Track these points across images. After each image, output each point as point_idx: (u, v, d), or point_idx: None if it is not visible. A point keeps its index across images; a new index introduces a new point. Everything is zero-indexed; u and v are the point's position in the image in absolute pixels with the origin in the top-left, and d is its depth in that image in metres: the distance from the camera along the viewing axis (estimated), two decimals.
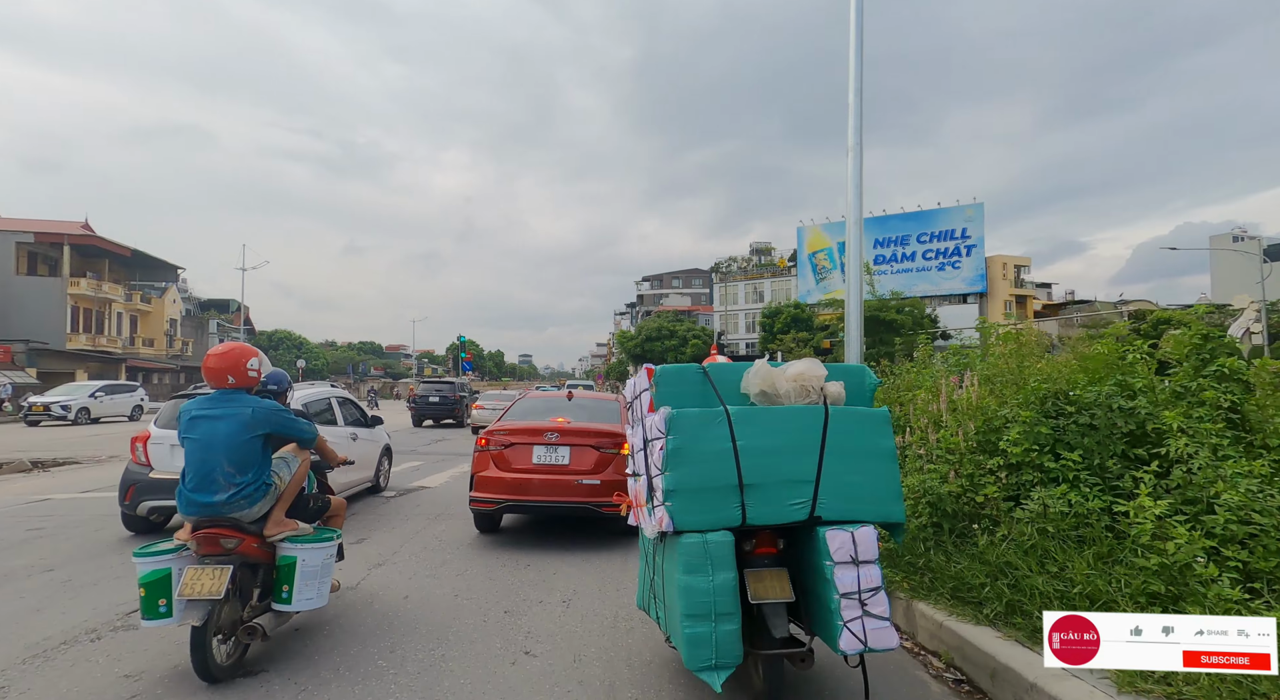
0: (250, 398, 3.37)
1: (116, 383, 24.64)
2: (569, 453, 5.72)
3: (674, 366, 3.12)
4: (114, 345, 40.56)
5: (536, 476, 5.66)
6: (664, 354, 58.55)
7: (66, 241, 37.80)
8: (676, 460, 2.74)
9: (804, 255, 61.22)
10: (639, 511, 3.17)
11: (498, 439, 5.87)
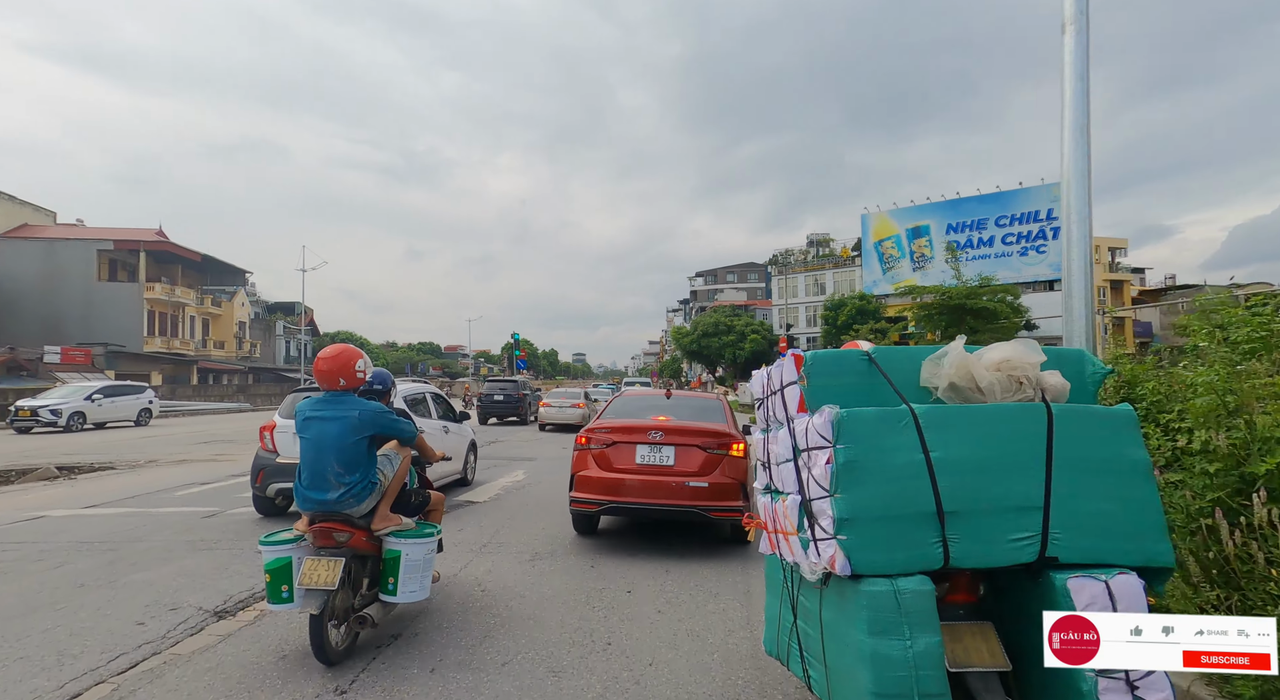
0: (357, 400, 3.48)
1: (119, 383, 22.35)
2: (674, 453, 5.41)
3: (830, 352, 2.52)
4: (187, 348, 41.93)
5: (640, 477, 5.38)
6: (721, 350, 56.54)
7: (142, 248, 39.21)
8: (852, 478, 2.18)
9: (869, 244, 57.83)
10: (779, 538, 2.64)
11: (598, 437, 5.62)
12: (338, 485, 3.32)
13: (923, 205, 54.98)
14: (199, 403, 29.70)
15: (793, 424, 2.55)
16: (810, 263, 62.86)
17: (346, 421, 3.37)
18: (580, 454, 5.65)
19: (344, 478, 3.33)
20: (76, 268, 38.04)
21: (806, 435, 2.39)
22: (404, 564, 3.42)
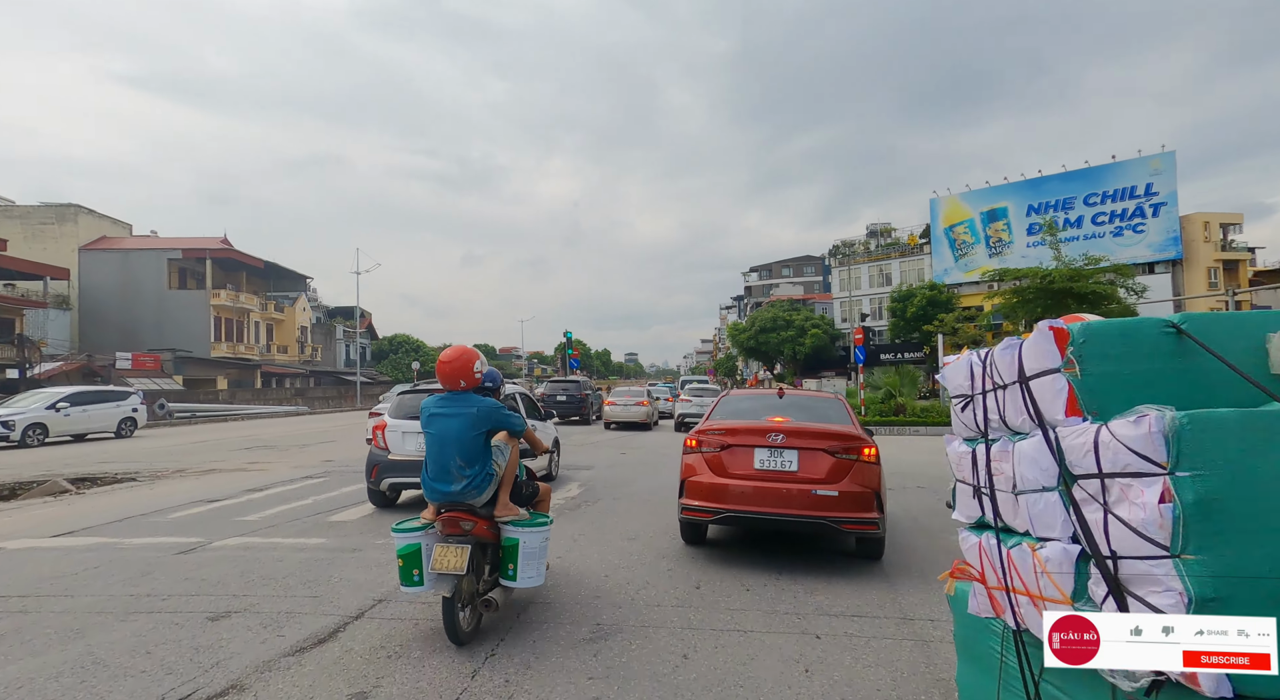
0: (476, 397, 3.68)
1: (94, 389, 19.32)
2: (797, 458, 4.95)
3: (1113, 323, 1.83)
4: (251, 352, 42.96)
5: (760, 484, 4.94)
6: (780, 346, 54.02)
7: (208, 256, 40.32)
8: (1214, 526, 1.56)
9: (938, 230, 54.04)
10: (1023, 604, 2.02)
11: (711, 440, 5.20)
12: (460, 477, 3.53)
13: (999, 186, 50.86)
14: (257, 406, 29.96)
15: (1056, 433, 1.91)
16: (874, 252, 59.37)
17: (467, 417, 3.57)
18: (691, 458, 5.21)
19: (465, 471, 3.53)
20: (149, 277, 39.47)
21: (1100, 452, 1.74)
22: (522, 551, 3.57)
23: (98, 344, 36.70)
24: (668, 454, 12.58)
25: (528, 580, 3.61)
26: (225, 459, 12.15)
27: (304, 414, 31.02)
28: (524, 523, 3.65)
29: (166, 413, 23.20)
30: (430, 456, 3.61)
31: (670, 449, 14.45)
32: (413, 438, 7.02)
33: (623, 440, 16.17)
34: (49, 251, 38.04)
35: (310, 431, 19.28)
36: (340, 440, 16.22)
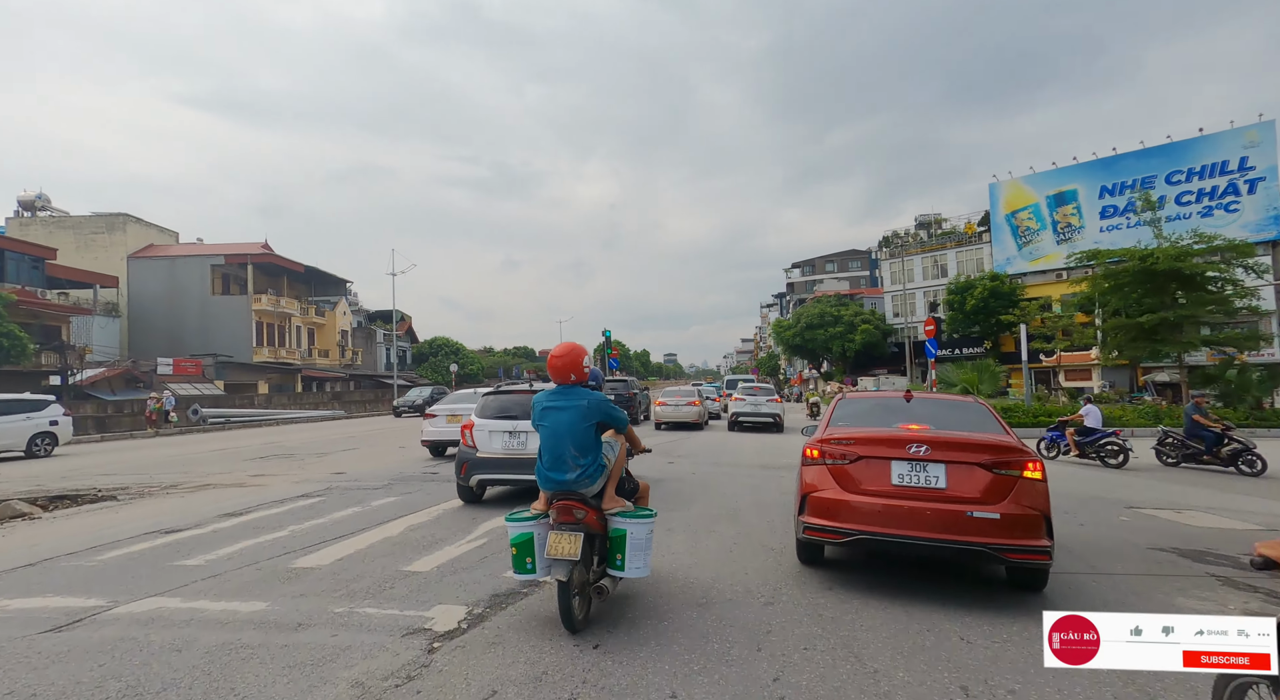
0: (585, 391, 3.84)
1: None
2: (944, 473, 4.23)
3: None
4: (293, 357, 43.05)
5: (899, 502, 4.24)
6: (828, 343, 51.42)
7: (249, 261, 40.50)
8: None
9: (999, 216, 50.48)
10: None
11: (837, 450, 4.55)
12: (574, 466, 3.66)
13: (1067, 167, 47.06)
14: (293, 411, 29.50)
15: None
16: (927, 242, 56.04)
17: (578, 410, 3.72)
18: (814, 471, 4.68)
19: (579, 460, 3.66)
20: (193, 283, 39.89)
21: None
22: (630, 542, 3.67)
23: (146, 350, 37.20)
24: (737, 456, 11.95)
25: (635, 570, 3.71)
26: (231, 470, 11.04)
27: (340, 418, 30.45)
28: (631, 514, 3.76)
29: (200, 418, 22.74)
30: (545, 447, 3.74)
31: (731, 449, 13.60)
32: (499, 437, 7.32)
33: (679, 441, 15.55)
34: (99, 260, 38.82)
35: (337, 437, 18.30)
36: (364, 447, 15.07)
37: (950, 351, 52.22)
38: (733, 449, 14.09)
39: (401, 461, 11.74)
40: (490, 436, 7.36)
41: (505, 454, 7.27)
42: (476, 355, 71.19)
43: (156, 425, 21.07)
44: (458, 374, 64.20)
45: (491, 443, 7.33)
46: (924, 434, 4.46)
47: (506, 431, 7.35)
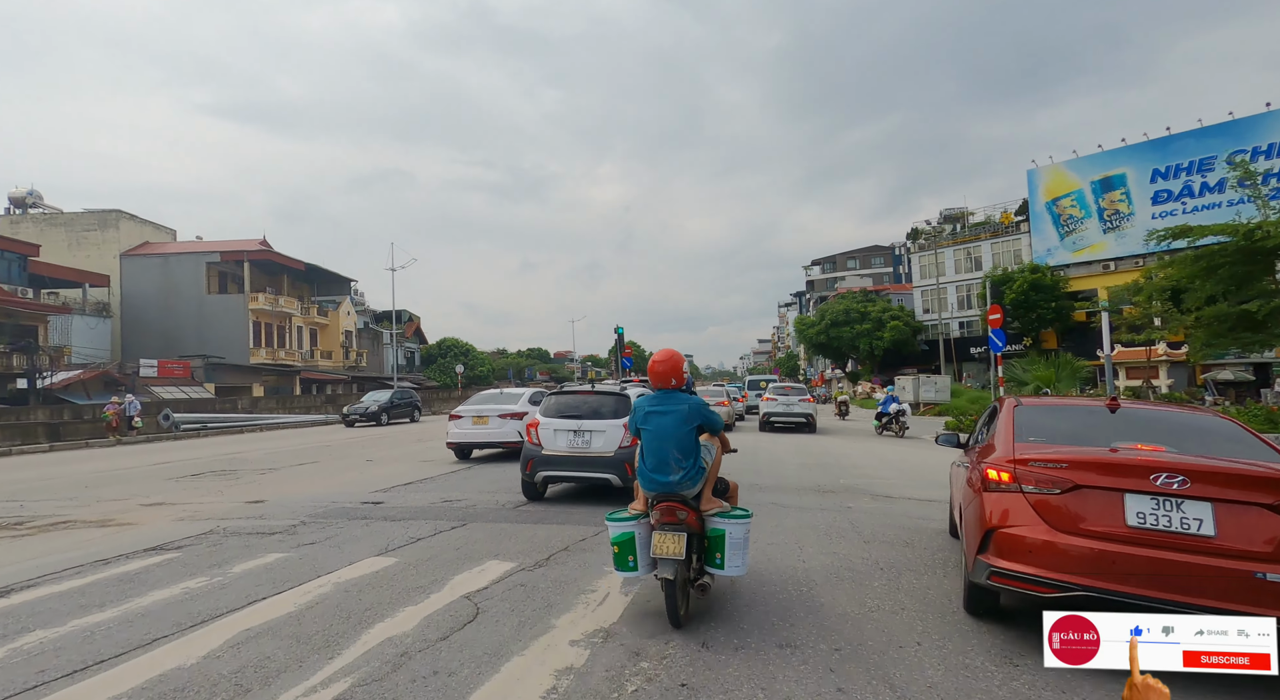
0: (685, 395, 3.95)
1: None
2: (1211, 514, 3.16)
3: None
4: (292, 358, 41.27)
5: (1141, 552, 3.19)
6: (854, 341, 48.50)
7: (246, 258, 38.76)
8: None
9: (1038, 205, 47.20)
10: None
11: (1041, 474, 3.52)
12: (677, 468, 3.74)
13: (1115, 150, 43.65)
14: (281, 415, 27.44)
15: None
16: (960, 234, 52.79)
17: (680, 414, 3.83)
18: (1005, 500, 3.60)
19: (682, 462, 3.75)
20: (188, 282, 38.27)
21: None
22: (729, 542, 3.74)
23: (139, 351, 35.59)
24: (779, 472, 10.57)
25: (734, 569, 3.78)
26: (135, 495, 8.82)
27: (331, 424, 28.39)
28: (728, 515, 3.83)
29: (172, 424, 20.71)
30: (649, 450, 3.85)
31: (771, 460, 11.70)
32: (564, 435, 7.53)
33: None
34: (92, 258, 37.32)
35: (305, 448, 16.10)
36: (323, 461, 12.80)
37: (986, 350, 49.06)
38: (772, 461, 12.04)
39: (346, 485, 9.42)
40: (555, 435, 7.57)
41: (570, 452, 7.49)
42: (486, 356, 69.30)
43: (119, 432, 19.05)
44: (466, 375, 62.26)
45: (556, 441, 7.55)
46: (1171, 459, 3.41)
47: (571, 430, 7.53)
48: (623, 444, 7.33)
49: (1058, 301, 43.13)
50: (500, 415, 11.95)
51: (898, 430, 17.45)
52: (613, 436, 7.44)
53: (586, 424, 7.52)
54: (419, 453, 14.16)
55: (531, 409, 11.32)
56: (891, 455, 13.53)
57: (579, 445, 7.49)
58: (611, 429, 7.46)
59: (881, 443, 16.29)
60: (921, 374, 30.43)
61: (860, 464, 11.88)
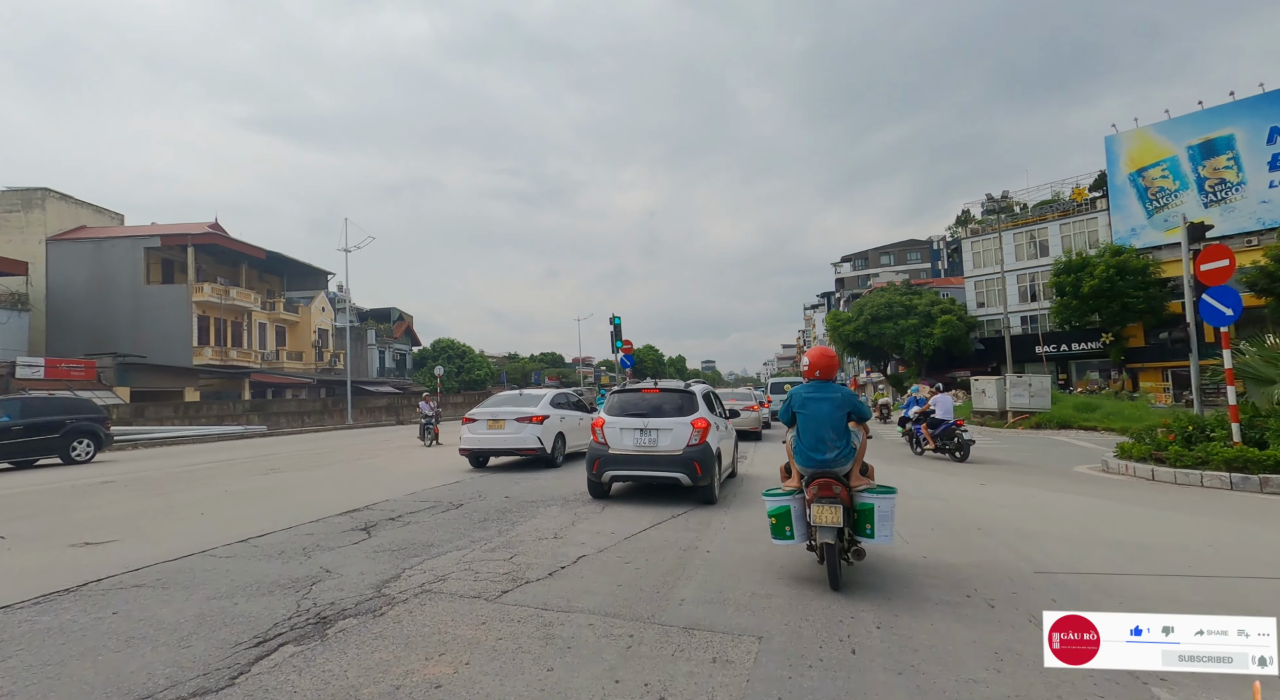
0: (836, 386, 4.59)
1: None
2: None
3: None
4: (248, 359, 35.92)
5: None
6: (898, 338, 41.60)
7: (190, 242, 33.48)
8: None
9: (1119, 177, 39.98)
10: None
11: None
12: (833, 447, 4.35)
13: (1220, 107, 36.25)
14: (184, 428, 21.73)
15: None
16: (1021, 216, 45.53)
17: (834, 401, 4.45)
18: None
19: (836, 443, 4.34)
20: (124, 270, 33.18)
21: None
22: (877, 514, 4.24)
23: (66, 350, 30.49)
24: None
25: (883, 538, 4.26)
26: None
27: (255, 437, 22.65)
28: (875, 490, 4.33)
29: None
30: (807, 432, 4.43)
31: None
32: (630, 434, 7.55)
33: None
34: (13, 243, 32.43)
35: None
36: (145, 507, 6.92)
37: (1055, 347, 41.80)
38: None
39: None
40: (621, 434, 7.58)
41: (636, 450, 7.48)
42: (485, 359, 63.61)
43: None
44: (460, 380, 56.49)
45: (623, 440, 7.57)
46: None
47: (638, 428, 7.53)
48: (690, 442, 7.32)
49: (1148, 289, 35.84)
50: (518, 418, 11.02)
51: (952, 449, 12.25)
52: (680, 434, 7.38)
53: (652, 422, 7.51)
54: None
55: (554, 412, 11.39)
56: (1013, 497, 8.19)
57: (646, 443, 7.46)
58: (679, 427, 7.42)
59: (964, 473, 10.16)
60: (957, 377, 23.74)
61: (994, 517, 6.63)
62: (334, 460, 13.97)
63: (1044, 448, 15.13)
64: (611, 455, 7.52)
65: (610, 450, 7.55)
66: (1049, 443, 16.18)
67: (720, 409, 9.11)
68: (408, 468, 12.13)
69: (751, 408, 16.97)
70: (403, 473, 11.28)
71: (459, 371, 57.30)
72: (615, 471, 7.54)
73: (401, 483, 9.76)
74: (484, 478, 10.26)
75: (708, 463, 7.30)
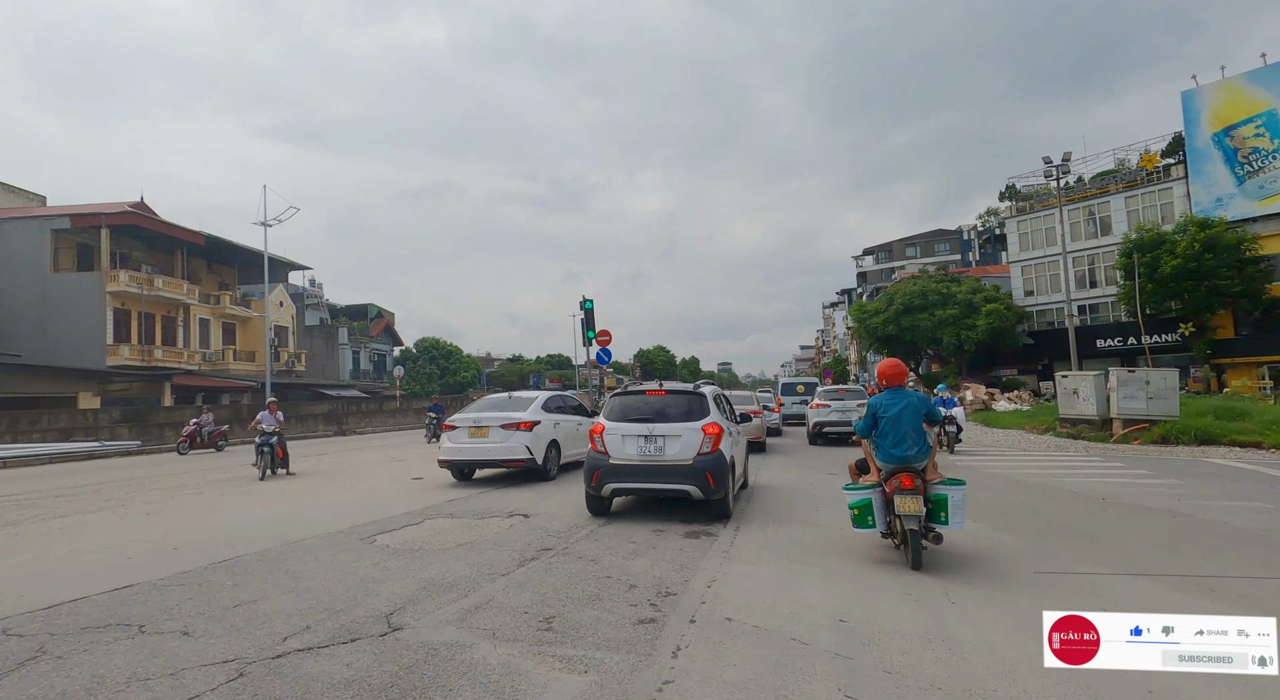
0: (910, 391, 5.29)
1: None
2: None
3: None
4: (179, 359, 31.20)
5: None
6: (936, 330, 35.75)
7: (104, 223, 28.83)
8: None
9: (1202, 138, 33.71)
10: None
11: None
12: (913, 445, 4.97)
13: None
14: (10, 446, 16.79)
15: None
16: (1079, 189, 39.23)
17: (911, 405, 5.10)
18: None
19: (915, 441, 4.98)
20: (27, 256, 28.68)
21: None
22: (951, 503, 4.85)
23: None
24: None
25: (956, 525, 4.91)
26: None
27: (115, 456, 17.70)
28: (949, 482, 4.95)
29: None
30: (888, 433, 5.04)
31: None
32: (633, 441, 6.87)
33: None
34: None
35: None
36: None
37: (1121, 341, 35.55)
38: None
39: None
40: (624, 441, 6.92)
41: (641, 460, 6.83)
42: (473, 360, 58.63)
43: None
44: (447, 383, 51.54)
45: (625, 448, 6.91)
46: None
47: (642, 436, 6.87)
48: (702, 450, 6.68)
49: (1244, 268, 29.60)
50: (504, 425, 9.83)
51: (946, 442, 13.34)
52: (690, 441, 6.74)
53: (659, 428, 6.86)
54: None
55: (546, 417, 10.43)
56: None
57: (651, 452, 6.80)
58: (688, 433, 6.79)
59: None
60: (1002, 376, 17.95)
61: None
62: (114, 504, 9.05)
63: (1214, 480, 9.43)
64: (612, 465, 6.86)
65: (611, 460, 6.89)
66: (1211, 470, 10.49)
67: (732, 412, 8.61)
68: (165, 528, 7.18)
69: (753, 413, 13.83)
70: (129, 541, 6.47)
71: (443, 373, 52.37)
72: (617, 484, 6.87)
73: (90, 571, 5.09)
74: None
75: (721, 473, 6.62)
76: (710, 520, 6.85)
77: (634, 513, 7.41)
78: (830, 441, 16.24)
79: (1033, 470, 11.05)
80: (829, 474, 10.66)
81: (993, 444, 15.54)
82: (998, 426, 19.55)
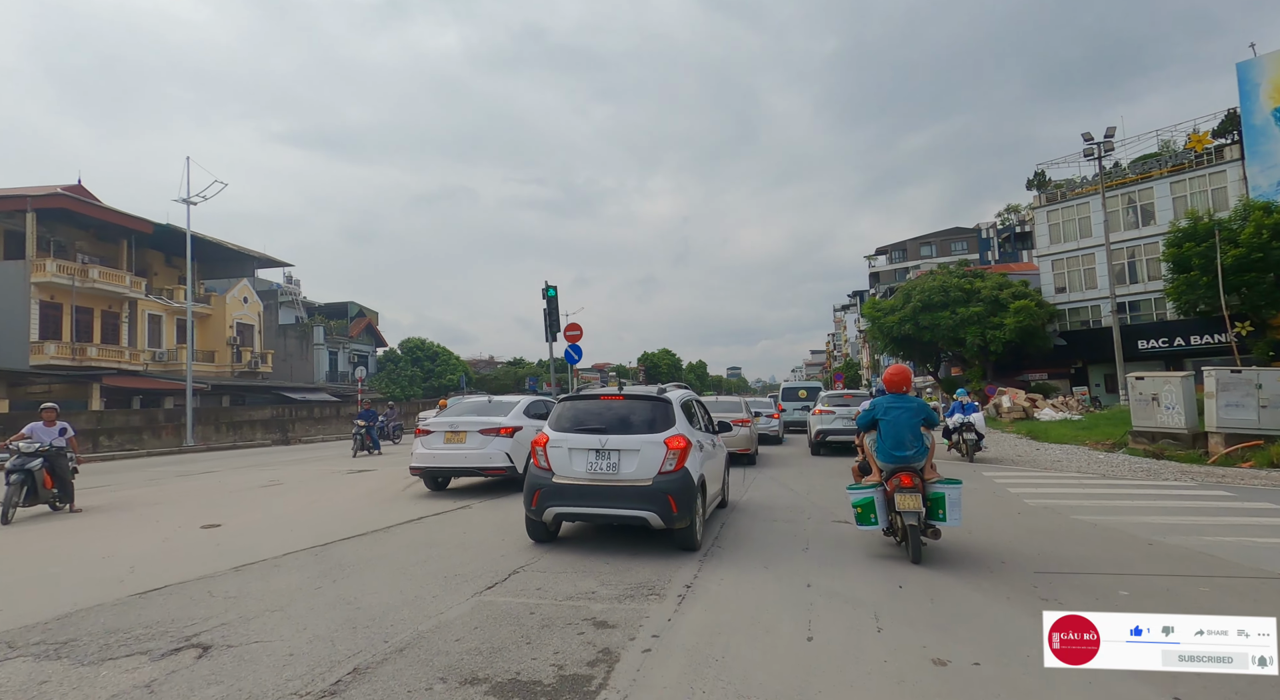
0: (911, 397, 5.61)
1: None
2: None
3: None
4: (118, 358, 28.39)
5: None
6: (958, 330, 32.12)
7: (29, 207, 26.06)
8: None
9: (1261, 113, 29.96)
10: None
11: None
12: (911, 446, 5.26)
13: None
14: None
15: None
16: (1117, 174, 35.42)
17: (911, 409, 5.39)
18: None
19: (914, 443, 5.27)
20: None
21: None
22: (948, 501, 5.15)
23: None
24: None
25: (954, 521, 5.19)
26: None
27: None
28: (946, 481, 5.25)
29: None
30: (888, 435, 5.32)
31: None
32: (581, 456, 5.69)
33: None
34: None
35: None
36: None
37: (1167, 343, 31.81)
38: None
39: None
40: (570, 456, 5.74)
41: (591, 479, 5.63)
42: (461, 362, 55.61)
43: None
44: (430, 386, 48.53)
45: (573, 464, 5.72)
46: None
47: (592, 449, 5.67)
48: (663, 468, 5.53)
49: None
50: (482, 431, 9.19)
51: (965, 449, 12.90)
52: (650, 457, 5.58)
53: (613, 441, 5.66)
54: None
55: (529, 422, 9.58)
56: None
57: (603, 470, 5.62)
58: (648, 447, 5.61)
59: None
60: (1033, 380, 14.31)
61: None
62: None
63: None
64: (556, 485, 5.70)
65: (555, 478, 5.74)
66: None
67: (707, 422, 7.62)
68: None
69: (741, 421, 13.02)
70: None
71: (428, 375, 49.36)
72: (561, 508, 5.69)
73: None
74: None
75: (686, 496, 5.51)
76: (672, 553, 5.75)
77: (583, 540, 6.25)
78: (834, 451, 14.88)
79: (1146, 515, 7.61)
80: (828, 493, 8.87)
81: (1051, 465, 12.07)
82: (1049, 440, 16.02)
